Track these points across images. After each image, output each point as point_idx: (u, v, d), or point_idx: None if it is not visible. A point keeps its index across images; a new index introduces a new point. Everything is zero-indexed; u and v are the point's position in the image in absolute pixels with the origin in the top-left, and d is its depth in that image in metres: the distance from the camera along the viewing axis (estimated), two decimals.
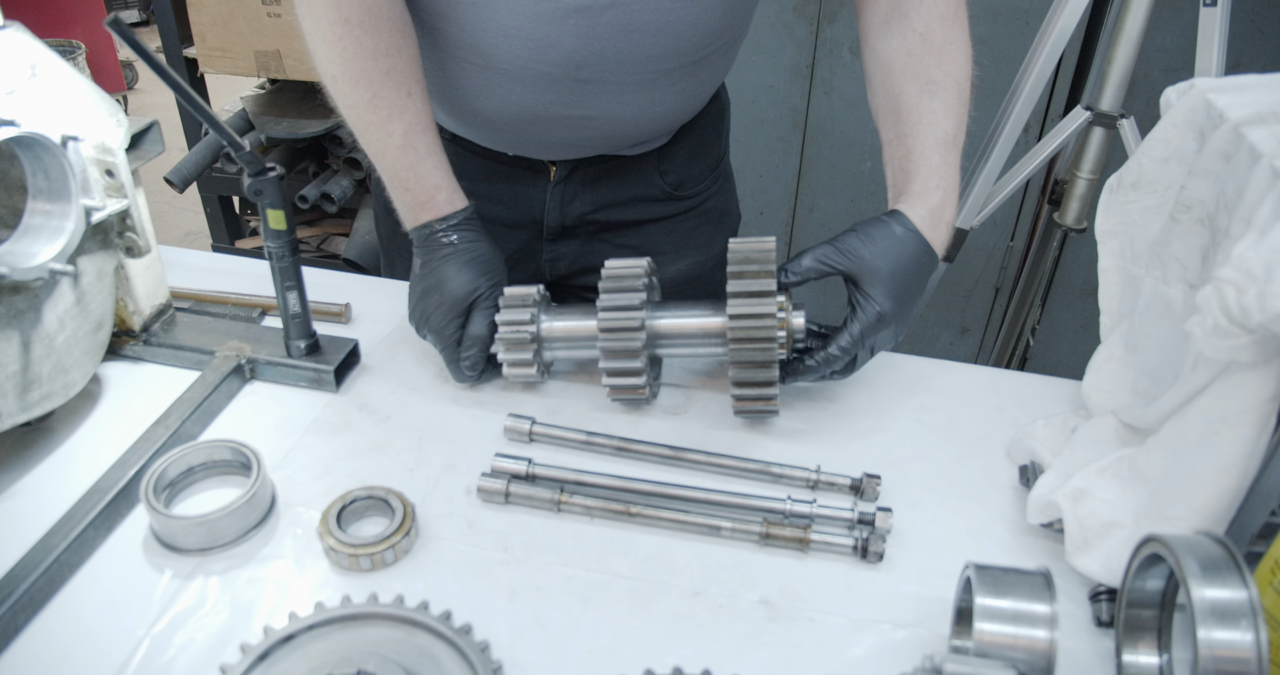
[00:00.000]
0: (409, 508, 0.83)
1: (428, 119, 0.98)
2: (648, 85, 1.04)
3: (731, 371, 0.89)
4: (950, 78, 0.96)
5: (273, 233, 0.92)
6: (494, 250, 0.99)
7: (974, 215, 1.41)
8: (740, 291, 0.88)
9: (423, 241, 0.99)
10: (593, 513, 0.85)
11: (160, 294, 1.05)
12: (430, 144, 0.98)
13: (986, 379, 1.06)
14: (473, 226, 0.99)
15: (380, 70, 0.95)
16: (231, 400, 0.99)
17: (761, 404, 0.91)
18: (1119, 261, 0.97)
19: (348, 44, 0.94)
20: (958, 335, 2.55)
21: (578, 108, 1.05)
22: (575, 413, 0.98)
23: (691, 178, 1.25)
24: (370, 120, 0.96)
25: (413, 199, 0.98)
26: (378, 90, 0.95)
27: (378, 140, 0.97)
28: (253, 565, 0.81)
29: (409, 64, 0.97)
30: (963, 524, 0.86)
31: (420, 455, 0.92)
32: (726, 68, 1.15)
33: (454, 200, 0.99)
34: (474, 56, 1.02)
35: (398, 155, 0.97)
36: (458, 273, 0.96)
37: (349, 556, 0.79)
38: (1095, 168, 1.40)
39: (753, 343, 0.87)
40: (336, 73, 0.95)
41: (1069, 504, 0.79)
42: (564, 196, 1.19)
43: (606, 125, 1.08)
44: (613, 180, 1.19)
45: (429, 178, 0.97)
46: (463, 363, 0.96)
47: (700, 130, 1.23)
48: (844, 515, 0.83)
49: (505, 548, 0.82)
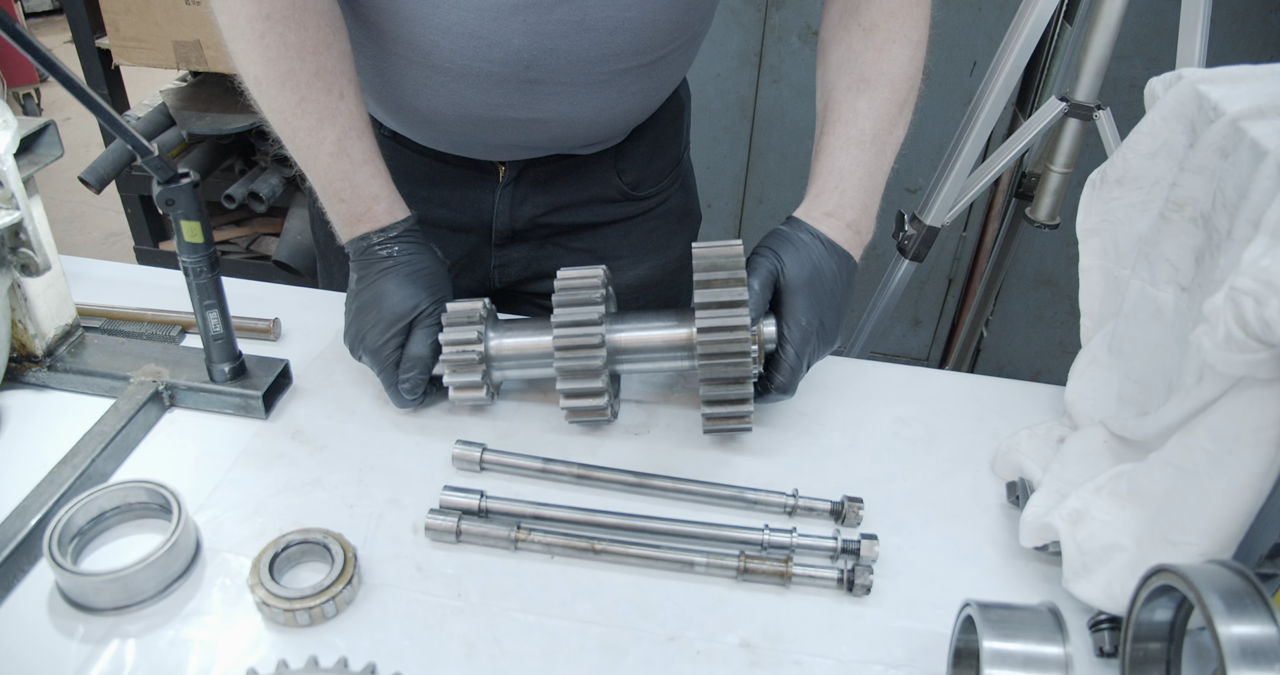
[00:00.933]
0: (349, 552, 0.75)
1: (363, 122, 0.89)
2: (602, 85, 0.96)
3: (702, 389, 0.82)
4: (884, 76, 0.91)
5: (188, 246, 0.82)
6: (438, 263, 0.91)
7: (945, 212, 1.36)
8: (710, 302, 0.81)
9: (359, 255, 0.90)
10: (554, 550, 0.77)
11: (65, 314, 0.94)
12: (366, 150, 0.89)
13: (964, 386, 1.01)
14: (414, 238, 0.90)
15: (308, 70, 0.85)
16: (149, 432, 0.89)
17: (734, 422, 0.85)
18: (1101, 261, 0.93)
19: (270, 42, 0.84)
20: (910, 328, 2.52)
21: (527, 109, 0.97)
22: (529, 436, 0.90)
23: (650, 177, 1.17)
24: (299, 126, 0.87)
25: (349, 211, 0.89)
26: (306, 92, 0.85)
27: (308, 148, 0.88)
28: (175, 624, 0.72)
29: (340, 61, 0.87)
30: (951, 548, 0.81)
31: (361, 489, 0.84)
32: (687, 64, 1.08)
33: (394, 210, 0.90)
34: (413, 54, 0.93)
35: (330, 164, 0.88)
36: (397, 288, 0.87)
37: (284, 611, 0.71)
38: (1069, 161, 1.36)
39: (725, 358, 0.80)
40: (259, 74, 0.86)
41: (1066, 527, 0.74)
42: (514, 199, 1.11)
43: (558, 127, 1.00)
44: (566, 181, 1.11)
45: (366, 187, 0.89)
46: (402, 386, 0.88)
47: (660, 126, 1.15)
48: (826, 544, 0.77)
49: (459, 594, 0.75)
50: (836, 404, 0.97)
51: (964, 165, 1.30)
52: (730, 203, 2.40)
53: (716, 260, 0.83)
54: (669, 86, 1.07)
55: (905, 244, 1.39)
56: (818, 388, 0.98)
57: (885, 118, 0.93)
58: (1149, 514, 0.72)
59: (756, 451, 0.90)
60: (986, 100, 1.28)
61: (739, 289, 0.81)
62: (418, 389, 0.88)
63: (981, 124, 1.27)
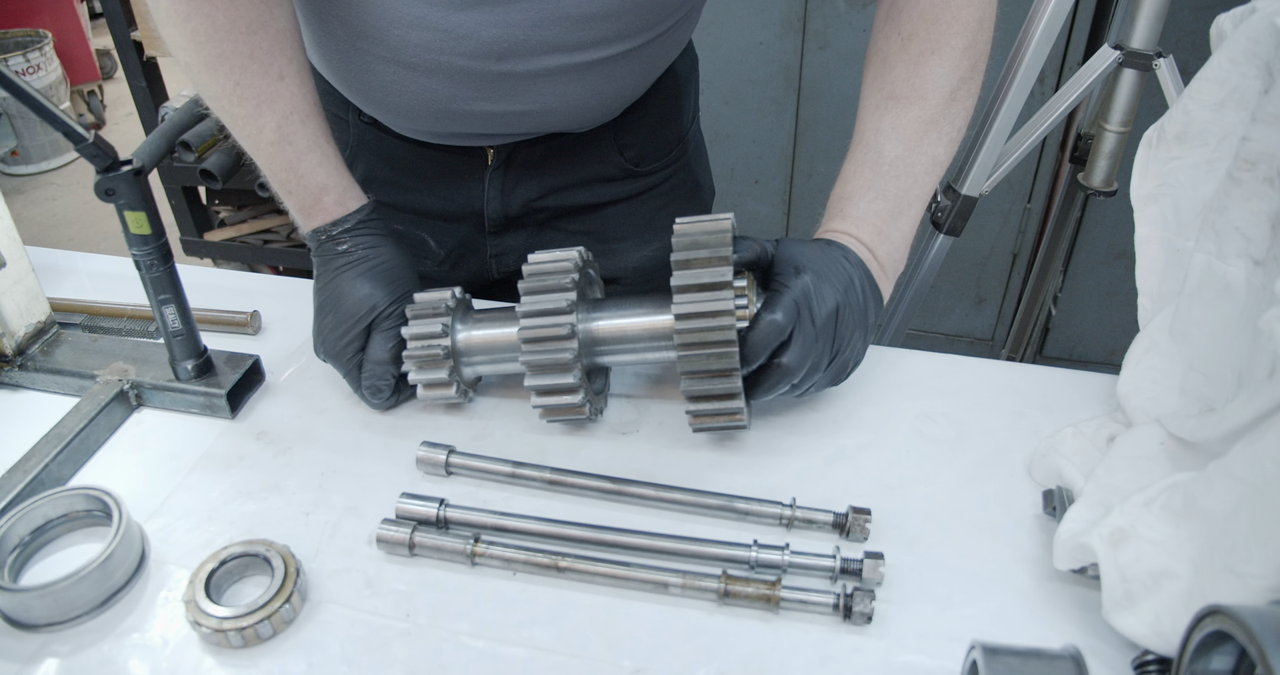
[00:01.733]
0: (291, 567, 0.69)
1: (307, 105, 0.82)
2: (584, 74, 0.87)
3: (683, 383, 0.73)
4: (915, 92, 0.80)
5: (135, 238, 0.77)
6: (399, 256, 0.84)
7: (984, 180, 1.22)
8: (687, 285, 0.71)
9: (317, 250, 0.84)
10: (514, 567, 0.70)
11: (37, 311, 0.91)
12: (311, 135, 0.82)
13: (1003, 376, 0.89)
14: (371, 229, 0.83)
15: (241, 53, 0.78)
16: (113, 433, 0.85)
17: (724, 419, 0.75)
18: (1161, 231, 0.79)
19: (196, 24, 0.77)
20: (973, 306, 2.35)
21: (505, 102, 0.88)
22: (506, 436, 0.83)
23: (655, 150, 1.08)
24: (237, 113, 0.81)
25: (298, 202, 0.83)
26: (241, 76, 0.79)
27: (248, 136, 0.82)
28: (109, 643, 0.67)
29: (278, 40, 0.80)
30: (974, 567, 0.70)
31: (320, 495, 0.78)
32: (682, 41, 0.98)
33: (345, 200, 0.83)
34: (377, 49, 0.86)
35: (273, 153, 0.81)
36: (352, 286, 0.81)
37: (215, 632, 0.65)
38: (1126, 119, 1.20)
39: (706, 348, 0.71)
40: (190, 59, 0.80)
41: (1107, 548, 0.62)
42: (505, 184, 1.03)
43: (541, 117, 0.92)
44: (561, 161, 1.03)
45: (312, 177, 0.82)
46: (364, 390, 0.82)
47: (663, 94, 1.06)
48: (824, 563, 0.67)
49: (407, 614, 0.68)
50: (853, 397, 0.86)
51: (1002, 128, 1.16)
52: (778, 178, 2.27)
53: (699, 237, 0.73)
54: (662, 64, 0.97)
55: (939, 216, 1.25)
56: None
57: (911, 137, 0.82)
58: (1208, 535, 0.60)
59: (757, 452, 0.81)
60: (1025, 52, 1.12)
61: (722, 269, 0.71)
62: (381, 393, 0.82)
63: (1020, 79, 1.12)
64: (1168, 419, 0.71)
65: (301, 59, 0.83)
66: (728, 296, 0.71)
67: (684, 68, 1.08)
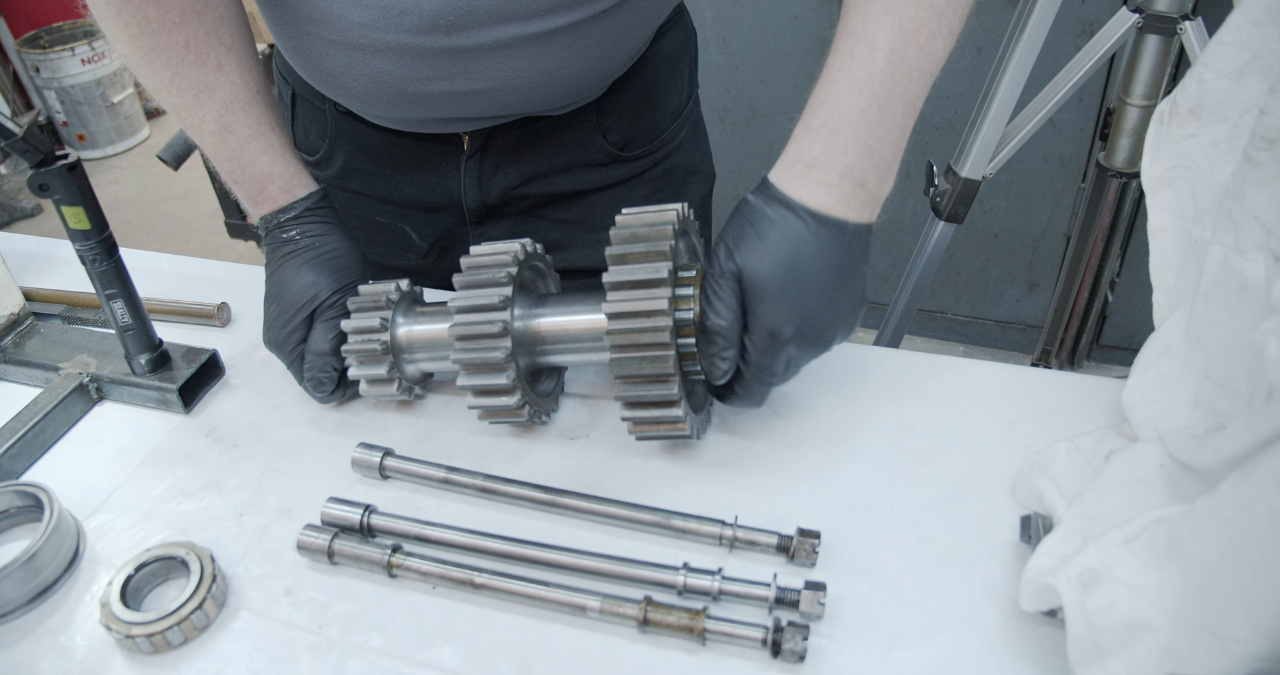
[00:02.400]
0: (209, 572, 0.66)
1: (249, 94, 0.79)
2: (544, 45, 0.80)
3: (616, 388, 0.67)
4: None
5: (76, 233, 0.76)
6: (346, 244, 0.81)
7: (986, 162, 1.10)
8: (620, 281, 0.66)
9: (266, 238, 0.81)
10: (432, 581, 0.66)
11: (9, 303, 0.92)
12: (254, 123, 0.79)
13: (997, 380, 0.80)
14: (318, 217, 0.80)
15: (176, 43, 0.76)
16: (72, 427, 0.85)
17: (665, 428, 0.69)
18: (1177, 219, 0.69)
19: (128, 17, 0.75)
20: (1025, 291, 2.19)
21: (463, 81, 0.82)
22: (450, 438, 0.79)
23: (643, 133, 1.01)
24: (178, 103, 0.79)
25: (245, 191, 0.81)
26: (178, 67, 0.77)
27: (192, 126, 0.80)
28: (29, 642, 0.66)
29: (213, 30, 0.78)
30: (933, 602, 0.62)
31: (256, 496, 0.75)
32: (659, 10, 0.90)
33: (291, 188, 0.80)
34: (324, 32, 0.81)
35: (216, 143, 0.79)
36: (296, 276, 0.78)
37: (125, 637, 0.63)
38: (1150, 91, 1.05)
39: (639, 350, 0.65)
40: (127, 52, 0.78)
41: (1075, 592, 0.54)
42: (481, 171, 0.98)
43: (505, 96, 0.85)
44: (540, 146, 0.97)
45: (256, 165, 0.80)
46: (307, 383, 0.79)
47: (651, 71, 0.98)
48: (758, 592, 0.61)
49: (320, 625, 0.65)
50: (825, 402, 0.79)
51: (1003, 105, 1.03)
52: None
53: (639, 229, 0.67)
54: (640, 35, 0.89)
55: (939, 202, 1.14)
56: (804, 382, 0.80)
57: (909, 27, 0.68)
58: (1193, 584, 0.51)
59: (710, 463, 0.74)
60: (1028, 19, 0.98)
61: (659, 265, 0.65)
62: (323, 386, 0.79)
63: (1022, 51, 1.00)
64: (1170, 437, 0.62)
65: (243, 47, 0.80)
66: (663, 295, 0.65)
67: (673, 44, 1.00)
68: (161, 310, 0.94)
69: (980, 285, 2.31)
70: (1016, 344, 2.41)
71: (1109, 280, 1.50)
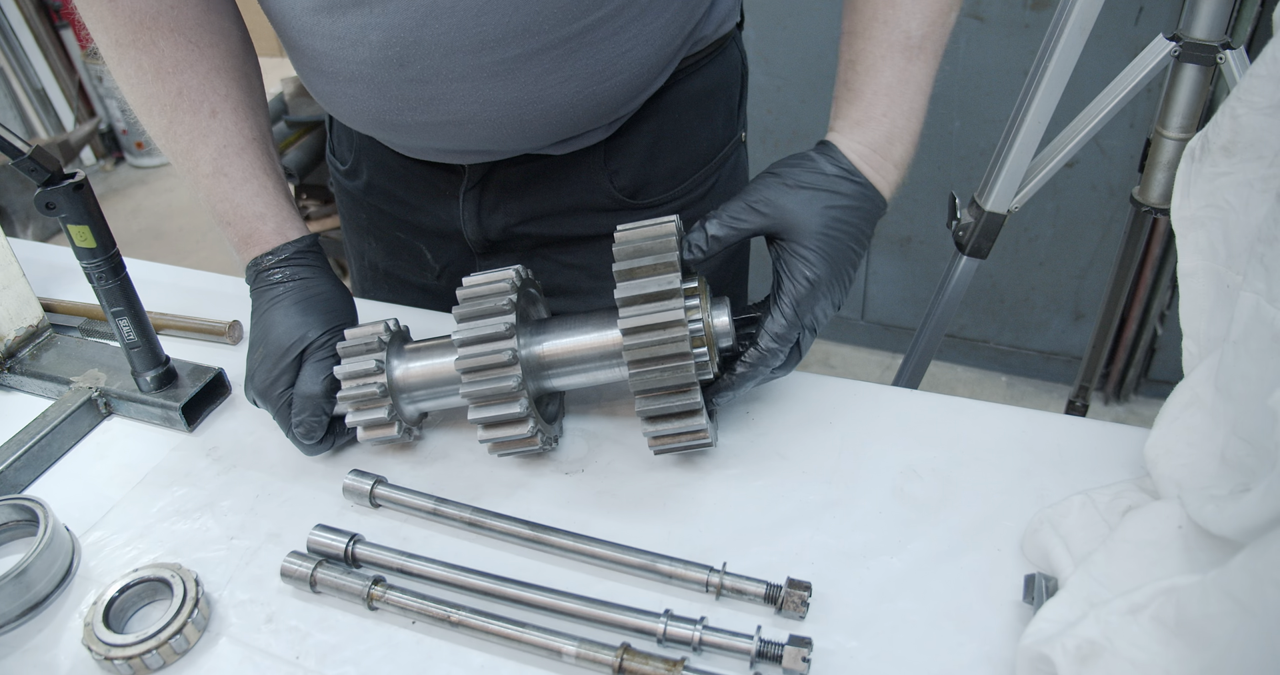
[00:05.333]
0: (191, 596, 0.66)
1: (243, 139, 0.80)
2: (504, 77, 0.76)
3: (638, 403, 0.66)
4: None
5: (82, 252, 0.77)
6: (335, 288, 0.80)
7: (1011, 195, 1.05)
8: (633, 296, 0.65)
9: (254, 283, 0.81)
10: (411, 615, 0.64)
11: (28, 315, 0.94)
12: (247, 167, 0.80)
13: (1016, 425, 0.76)
14: (306, 261, 0.80)
15: (170, 92, 0.78)
16: (79, 441, 0.86)
17: (687, 439, 0.68)
18: (1209, 262, 0.65)
19: (126, 68, 0.78)
20: (1071, 322, 2.12)
21: (430, 112, 0.80)
22: (447, 468, 0.78)
23: (659, 179, 0.95)
24: (174, 149, 0.80)
25: (236, 234, 0.81)
26: (173, 115, 0.79)
27: (188, 171, 0.81)
28: (15, 657, 0.67)
29: (208, 79, 0.79)
30: (926, 663, 0.59)
31: (248, 519, 0.75)
32: (662, 35, 0.81)
33: (284, 230, 0.81)
34: (303, 60, 0.82)
35: (211, 186, 0.80)
36: (284, 318, 0.77)
37: (105, 659, 0.63)
38: (1187, 123, 1.00)
39: (659, 363, 0.64)
40: (130, 99, 0.80)
41: (1072, 665, 0.51)
42: (480, 206, 0.95)
43: (480, 129, 0.81)
44: (543, 185, 0.93)
45: (249, 207, 0.80)
46: (295, 431, 0.76)
47: (670, 113, 0.92)
48: (740, 645, 0.58)
49: (297, 656, 0.64)
50: (831, 443, 0.76)
51: (1029, 138, 0.98)
52: None
53: (642, 244, 0.66)
54: (628, 67, 0.80)
55: (961, 236, 1.09)
56: (811, 421, 0.78)
57: (934, 9, 0.74)
58: (1201, 665, 0.47)
59: (705, 503, 0.72)
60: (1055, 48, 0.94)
61: (669, 276, 0.64)
62: (313, 433, 0.76)
63: (1048, 83, 0.95)
64: (1191, 496, 0.58)
65: (238, 96, 0.81)
66: (677, 305, 0.64)
67: (704, 84, 0.93)
68: (173, 326, 0.95)
69: (1024, 314, 2.24)
70: (1061, 376, 2.34)
71: (1159, 313, 1.43)
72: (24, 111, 3.82)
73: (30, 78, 3.80)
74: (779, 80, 2.09)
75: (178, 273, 1.09)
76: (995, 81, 1.89)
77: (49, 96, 3.84)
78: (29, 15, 3.70)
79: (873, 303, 2.47)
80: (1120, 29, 1.73)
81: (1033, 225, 2.09)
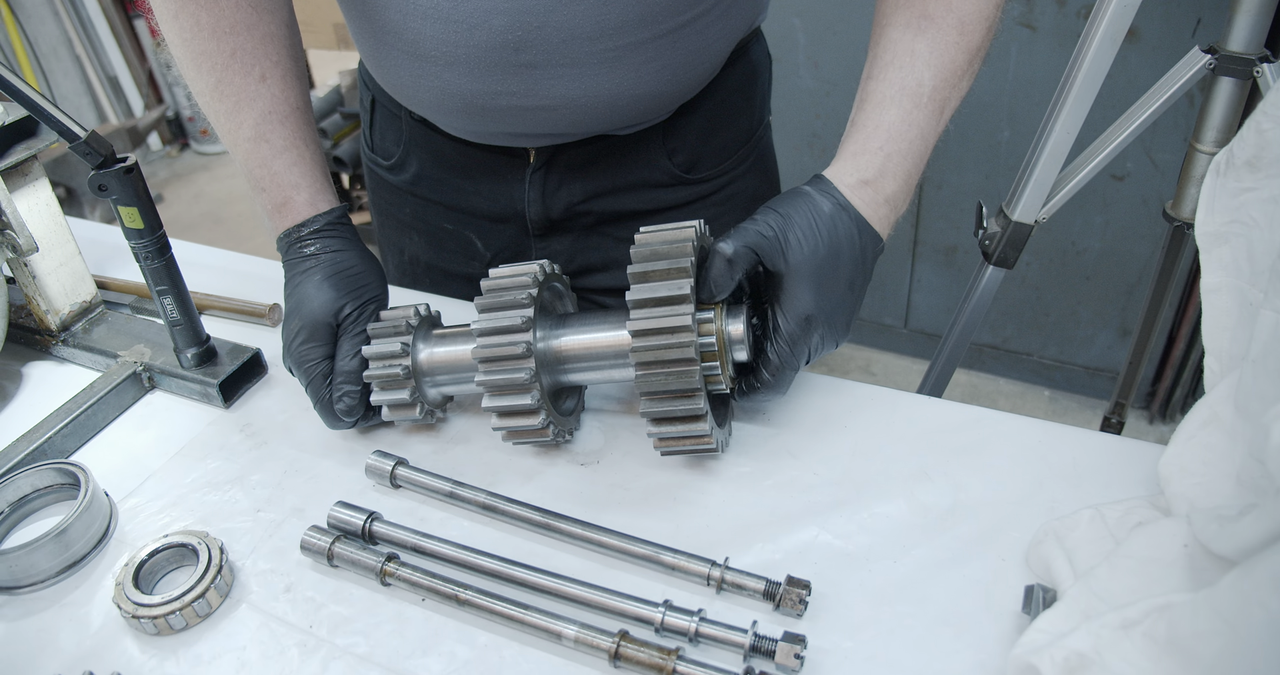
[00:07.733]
0: (215, 562, 0.69)
1: (287, 108, 0.83)
2: (612, 64, 0.82)
3: (642, 404, 0.68)
4: (952, 14, 0.70)
5: (130, 232, 0.81)
6: (366, 262, 0.83)
7: (1039, 205, 1.04)
8: (644, 299, 0.66)
9: (286, 253, 0.84)
10: (421, 592, 0.67)
11: (83, 291, 0.98)
12: (289, 136, 0.83)
13: (1033, 436, 0.76)
14: (338, 233, 0.83)
15: (224, 51, 0.80)
16: (123, 412, 0.90)
17: (691, 443, 0.69)
18: (1233, 279, 0.64)
19: (184, 22, 0.80)
20: (1117, 338, 2.07)
21: (529, 97, 0.84)
22: (468, 451, 0.80)
23: (710, 156, 1.01)
24: (218, 109, 0.83)
25: (270, 201, 0.84)
26: (222, 74, 0.81)
27: (227, 132, 0.84)
28: (53, 612, 0.71)
29: (262, 43, 0.81)
30: (920, 667, 0.59)
31: (275, 493, 0.78)
32: (733, 30, 0.90)
33: (316, 202, 0.83)
34: (398, 43, 0.85)
35: (249, 150, 0.83)
36: (317, 290, 0.80)
37: (132, 617, 0.67)
38: (1222, 138, 0.98)
39: (665, 367, 0.65)
40: (179, 54, 0.83)
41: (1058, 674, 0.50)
42: (545, 186, 0.99)
43: (572, 113, 0.87)
44: (605, 164, 0.98)
45: (285, 176, 0.83)
46: (336, 405, 0.78)
47: (721, 96, 0.98)
48: (735, 638, 0.59)
49: (311, 625, 0.67)
50: (843, 446, 0.76)
51: (1057, 147, 0.97)
52: None
53: (659, 247, 0.68)
54: (708, 59, 0.89)
55: (987, 246, 1.08)
56: (826, 423, 0.78)
57: (950, 68, 0.76)
58: None
59: (715, 498, 0.73)
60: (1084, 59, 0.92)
61: (682, 281, 0.65)
62: (355, 410, 0.78)
63: (1077, 93, 0.93)
64: (1198, 515, 0.57)
65: (288, 64, 0.84)
66: (686, 311, 0.65)
67: (745, 71, 1.00)
68: (216, 306, 1.00)
69: (1070, 329, 2.20)
70: (1105, 392, 2.29)
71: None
72: (97, 97, 3.98)
73: (105, 65, 3.96)
74: (828, 85, 2.08)
75: (228, 257, 1.14)
76: (1045, 92, 1.86)
77: (120, 84, 4.00)
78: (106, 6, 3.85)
79: (916, 311, 2.44)
80: (1177, 40, 1.69)
81: (1080, 239, 2.05)
